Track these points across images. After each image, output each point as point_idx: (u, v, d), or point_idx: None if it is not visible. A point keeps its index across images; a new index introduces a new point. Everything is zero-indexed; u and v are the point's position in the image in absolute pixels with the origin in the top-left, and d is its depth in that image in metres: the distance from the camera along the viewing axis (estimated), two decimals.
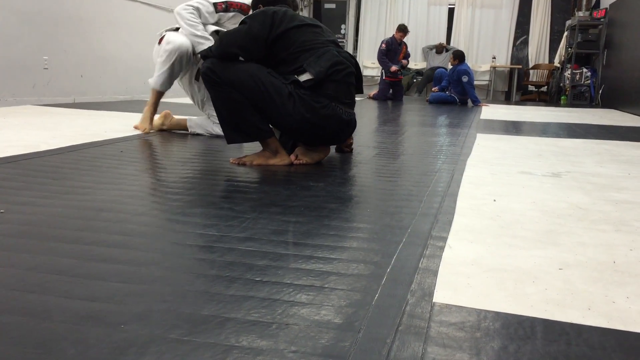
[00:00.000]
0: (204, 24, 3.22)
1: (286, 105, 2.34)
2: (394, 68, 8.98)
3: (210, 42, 3.13)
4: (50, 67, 5.40)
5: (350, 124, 2.55)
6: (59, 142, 2.93)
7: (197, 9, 3.16)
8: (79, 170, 2.26)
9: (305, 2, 12.28)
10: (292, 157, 2.53)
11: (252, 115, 2.39)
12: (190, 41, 3.19)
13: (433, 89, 8.83)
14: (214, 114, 3.33)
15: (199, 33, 3.16)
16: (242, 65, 2.39)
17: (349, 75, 2.49)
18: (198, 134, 3.48)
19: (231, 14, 3.22)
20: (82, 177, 2.13)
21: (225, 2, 3.20)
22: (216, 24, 3.25)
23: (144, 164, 2.57)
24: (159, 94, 3.41)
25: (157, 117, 3.56)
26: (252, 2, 2.77)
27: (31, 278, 1.13)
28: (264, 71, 2.38)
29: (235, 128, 2.44)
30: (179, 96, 5.03)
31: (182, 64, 3.26)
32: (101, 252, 1.29)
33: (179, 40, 3.20)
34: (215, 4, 3.19)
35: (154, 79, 3.34)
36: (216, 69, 2.36)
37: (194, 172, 2.37)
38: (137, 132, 3.44)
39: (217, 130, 3.38)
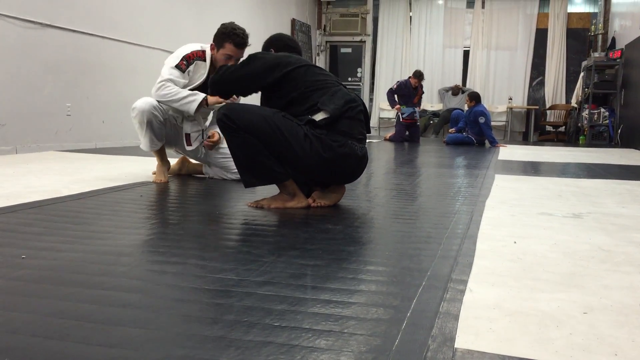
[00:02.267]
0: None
1: (303, 146, 2.34)
2: (397, 107, 9.05)
3: (200, 96, 3.14)
4: (73, 113, 5.53)
5: (364, 159, 2.55)
6: (80, 187, 2.97)
7: (169, 80, 3.18)
8: (100, 215, 2.29)
9: (322, 47, 12.49)
10: (310, 200, 2.54)
11: (268, 158, 2.39)
12: (183, 109, 3.20)
13: (450, 130, 8.85)
14: (224, 165, 3.39)
15: (182, 95, 3.15)
16: (256, 109, 2.42)
17: (360, 112, 2.52)
18: (213, 178, 3.51)
19: (192, 65, 3.24)
20: (103, 221, 2.15)
21: (183, 57, 3.22)
22: (188, 83, 3.24)
23: (162, 208, 2.59)
24: (158, 150, 3.42)
25: (174, 163, 3.60)
26: (264, 46, 2.82)
27: (51, 324, 1.13)
28: (279, 115, 2.39)
29: (252, 172, 2.44)
30: None
31: (159, 120, 3.25)
32: (120, 297, 1.30)
33: (139, 105, 3.21)
34: (177, 66, 3.20)
35: (142, 143, 3.37)
36: (231, 115, 2.37)
37: (212, 215, 2.39)
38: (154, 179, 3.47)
39: (231, 176, 3.42)
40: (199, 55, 3.26)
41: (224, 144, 3.36)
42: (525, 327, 1.16)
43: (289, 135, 2.34)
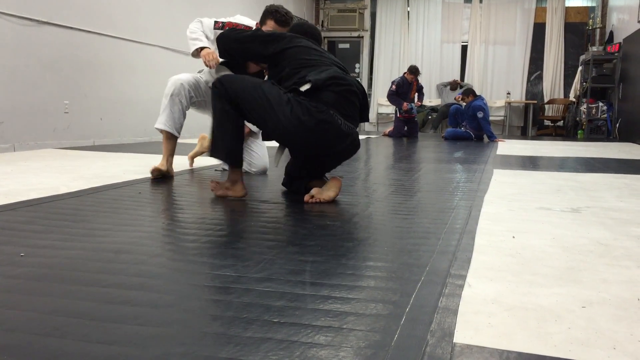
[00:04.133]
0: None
1: (284, 111, 2.40)
2: (405, 106, 9.03)
3: (202, 43, 3.25)
4: (71, 111, 5.52)
5: (349, 137, 2.55)
6: (79, 184, 2.97)
7: (200, 21, 3.36)
8: (98, 212, 2.29)
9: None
10: (307, 197, 2.54)
11: (231, 137, 2.53)
12: (189, 43, 3.32)
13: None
14: (249, 149, 3.46)
15: (194, 36, 3.29)
16: (248, 78, 2.55)
17: (350, 92, 2.55)
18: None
19: None
20: (101, 219, 2.15)
21: (223, 22, 3.38)
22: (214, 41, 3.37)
23: (161, 205, 2.59)
24: (167, 139, 3.40)
25: (179, 159, 3.64)
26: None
27: (50, 322, 1.13)
28: (268, 83, 2.51)
29: (217, 144, 2.57)
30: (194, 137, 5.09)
31: (182, 100, 3.33)
32: (119, 294, 1.30)
33: (174, 77, 3.36)
34: (215, 21, 3.38)
35: (157, 121, 3.40)
36: (224, 81, 2.51)
37: (211, 212, 2.39)
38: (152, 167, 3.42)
39: (253, 169, 3.54)
40: (243, 29, 3.34)
41: (255, 143, 3.48)
42: (524, 322, 1.17)
43: (273, 100, 2.42)
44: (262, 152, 3.59)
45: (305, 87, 2.44)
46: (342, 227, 2.06)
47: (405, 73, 9.31)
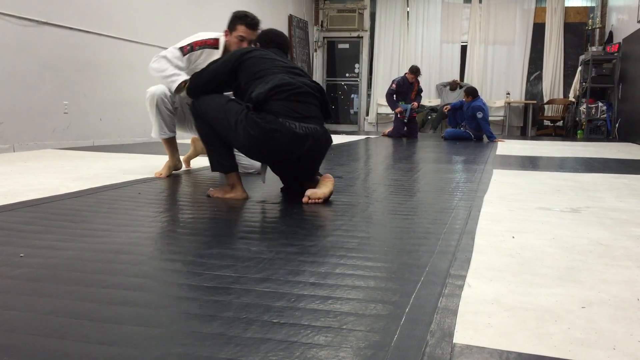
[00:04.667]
0: (182, 71, 3.34)
1: (238, 128, 2.50)
2: (399, 109, 9.03)
3: (182, 77, 3.23)
4: (70, 111, 5.52)
5: (309, 138, 2.55)
6: (78, 185, 2.97)
7: (164, 57, 3.32)
8: (98, 212, 2.29)
9: (320, 43, 12.48)
10: (304, 199, 2.55)
11: (219, 148, 2.64)
12: (165, 86, 3.32)
13: (445, 107, 8.82)
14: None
15: (167, 73, 3.26)
16: (215, 98, 2.65)
17: (299, 94, 2.57)
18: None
19: (198, 51, 3.36)
20: (101, 219, 2.15)
21: (189, 43, 3.36)
22: (189, 66, 3.36)
23: (161, 205, 2.59)
24: (168, 141, 3.49)
25: (183, 157, 3.65)
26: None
27: (50, 322, 1.13)
28: (231, 101, 2.60)
29: (211, 159, 2.70)
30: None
31: (167, 107, 3.37)
32: (119, 295, 1.30)
33: (151, 90, 3.37)
34: (180, 48, 3.34)
35: (152, 131, 3.48)
36: (197, 103, 2.65)
37: (210, 212, 2.39)
38: (155, 173, 3.46)
39: (243, 161, 3.52)
40: (210, 44, 3.38)
41: None
42: (523, 322, 1.17)
43: (232, 119, 2.52)
44: None
45: (249, 104, 2.53)
46: (342, 228, 2.06)
47: (406, 73, 9.32)
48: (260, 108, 2.50)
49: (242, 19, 3.27)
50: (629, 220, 2.29)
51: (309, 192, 2.59)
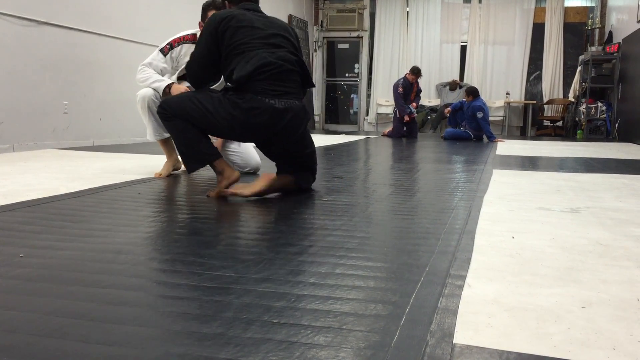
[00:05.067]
0: (168, 72, 3.39)
1: (219, 111, 2.54)
2: (406, 118, 9.04)
3: (165, 82, 3.28)
4: (70, 111, 5.52)
5: (288, 112, 2.60)
6: (78, 185, 2.97)
7: (149, 64, 3.36)
8: (98, 212, 2.29)
9: (319, 43, 12.48)
10: (230, 189, 2.64)
11: (198, 141, 2.63)
12: (153, 91, 3.36)
13: (447, 109, 8.83)
14: (230, 159, 3.46)
15: (151, 81, 3.31)
16: (185, 93, 2.71)
17: (281, 72, 2.61)
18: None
19: (178, 48, 3.41)
20: (101, 219, 2.15)
21: (168, 42, 3.40)
22: (174, 64, 3.41)
23: (160, 205, 2.59)
24: (164, 142, 3.52)
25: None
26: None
27: (50, 322, 1.13)
28: (199, 91, 2.66)
29: (189, 157, 2.69)
30: None
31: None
32: (119, 295, 1.30)
33: (140, 93, 3.40)
34: (161, 50, 3.38)
35: (147, 133, 3.51)
36: (165, 104, 2.66)
37: (210, 212, 2.39)
38: (155, 173, 3.47)
39: (237, 161, 3.56)
40: (188, 39, 3.44)
41: (233, 143, 3.52)
42: (523, 322, 1.17)
43: (209, 106, 2.56)
44: (246, 149, 3.59)
45: (231, 86, 2.58)
46: (342, 228, 2.06)
47: (407, 74, 9.32)
48: (242, 89, 2.54)
49: (211, 5, 3.32)
50: (629, 220, 2.29)
51: (237, 188, 2.65)
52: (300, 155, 2.81)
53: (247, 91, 2.54)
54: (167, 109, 2.64)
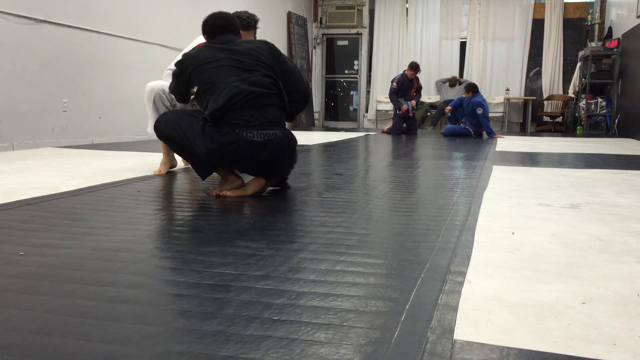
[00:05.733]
0: None
1: (197, 141, 2.57)
2: (404, 107, 9.03)
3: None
4: (69, 109, 5.51)
5: (268, 145, 2.56)
6: (78, 183, 2.97)
7: (170, 73, 3.37)
8: (97, 211, 2.29)
9: (319, 40, 12.46)
10: (216, 191, 2.69)
11: (194, 157, 2.69)
12: (162, 84, 3.39)
13: (447, 108, 8.83)
14: None
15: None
16: (171, 116, 2.76)
17: (254, 99, 2.55)
18: None
19: None
20: (101, 217, 2.15)
21: (184, 54, 3.41)
22: None
23: (160, 203, 2.59)
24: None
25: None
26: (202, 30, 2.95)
27: (50, 321, 1.13)
28: (185, 116, 2.70)
29: (195, 167, 2.75)
30: None
31: (165, 103, 3.42)
32: (119, 293, 1.30)
33: (150, 84, 3.43)
34: (176, 63, 3.39)
35: (148, 125, 3.51)
36: (156, 126, 2.80)
37: (210, 210, 2.39)
38: (154, 171, 3.47)
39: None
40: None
41: None
42: (524, 318, 1.17)
43: (189, 135, 2.60)
44: None
45: (207, 120, 2.55)
46: (342, 225, 2.06)
47: (405, 70, 9.30)
48: (218, 121, 2.53)
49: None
50: (629, 216, 2.29)
51: (228, 192, 2.67)
52: (283, 170, 2.83)
53: (224, 123, 2.52)
54: (157, 131, 2.79)
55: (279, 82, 2.67)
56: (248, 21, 3.26)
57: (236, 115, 2.52)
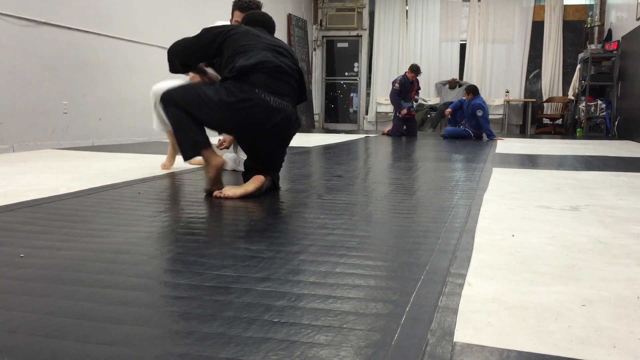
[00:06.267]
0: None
1: (213, 99, 2.58)
2: (404, 111, 9.04)
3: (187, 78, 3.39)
4: (70, 111, 5.51)
5: (280, 112, 2.65)
6: (78, 185, 2.97)
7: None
8: (98, 212, 2.29)
9: (319, 42, 12.47)
10: (217, 192, 2.67)
11: (191, 126, 2.65)
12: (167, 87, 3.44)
13: (447, 110, 8.84)
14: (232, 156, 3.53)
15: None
16: (184, 85, 2.78)
17: (280, 72, 2.69)
18: (235, 170, 3.62)
19: None
20: (101, 219, 2.15)
21: None
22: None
23: (161, 205, 2.59)
24: (171, 133, 3.57)
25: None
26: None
27: (50, 323, 1.13)
28: (202, 84, 2.74)
29: (183, 145, 2.70)
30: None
31: None
32: (119, 295, 1.30)
33: (154, 87, 3.51)
34: None
35: (154, 122, 3.62)
36: (169, 94, 2.71)
37: (210, 211, 2.39)
38: (155, 173, 3.47)
39: (240, 168, 3.53)
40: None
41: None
42: (524, 321, 1.17)
43: (205, 97, 2.60)
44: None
45: (230, 75, 2.61)
46: (342, 227, 2.06)
47: (406, 72, 9.31)
48: (241, 79, 2.59)
49: (236, 5, 3.42)
50: (629, 218, 2.29)
51: (227, 190, 2.67)
52: (279, 156, 2.88)
53: (246, 82, 2.59)
54: (170, 99, 2.71)
55: (301, 73, 2.86)
56: (249, 4, 3.38)
57: (261, 77, 2.61)
